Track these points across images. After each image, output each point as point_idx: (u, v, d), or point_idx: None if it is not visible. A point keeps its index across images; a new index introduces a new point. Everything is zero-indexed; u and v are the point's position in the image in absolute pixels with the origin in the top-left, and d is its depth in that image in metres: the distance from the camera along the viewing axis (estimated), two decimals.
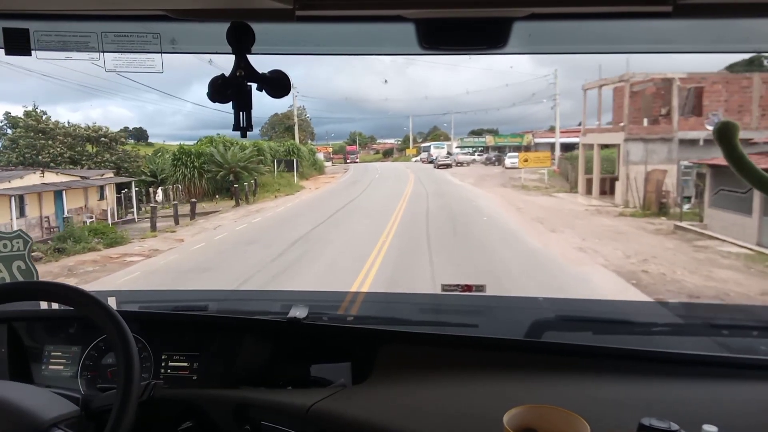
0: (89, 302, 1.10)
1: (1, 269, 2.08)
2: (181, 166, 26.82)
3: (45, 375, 1.55)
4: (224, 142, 29.27)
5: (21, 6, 1.04)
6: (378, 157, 76.44)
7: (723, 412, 1.09)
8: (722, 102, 19.88)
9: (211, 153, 27.20)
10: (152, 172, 29.15)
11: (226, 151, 27.48)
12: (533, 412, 0.91)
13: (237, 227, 16.30)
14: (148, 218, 19.27)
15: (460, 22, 1.02)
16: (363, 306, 2.01)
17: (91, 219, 18.54)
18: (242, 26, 1.00)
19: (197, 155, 27.09)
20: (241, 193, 24.50)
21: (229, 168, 26.77)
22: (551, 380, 1.25)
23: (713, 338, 1.58)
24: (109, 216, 19.08)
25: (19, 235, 2.13)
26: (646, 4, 0.93)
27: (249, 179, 27.31)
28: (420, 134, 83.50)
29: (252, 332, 1.53)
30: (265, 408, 1.31)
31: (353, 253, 11.40)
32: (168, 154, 29.08)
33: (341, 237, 13.66)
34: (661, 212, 16.71)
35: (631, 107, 21.69)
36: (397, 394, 1.25)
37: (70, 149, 29.15)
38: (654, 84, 20.31)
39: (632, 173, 19.27)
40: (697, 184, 17.31)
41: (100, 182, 21.00)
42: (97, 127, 29.80)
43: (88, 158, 28.76)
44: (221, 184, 26.53)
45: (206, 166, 26.87)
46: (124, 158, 29.97)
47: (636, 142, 19.39)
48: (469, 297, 1.81)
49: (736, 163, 0.92)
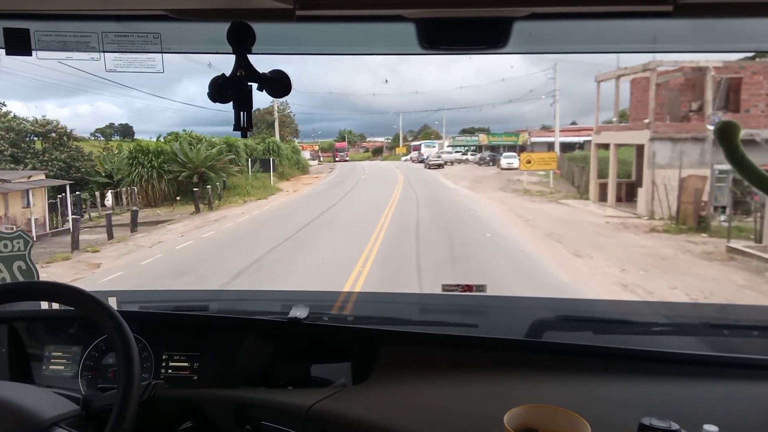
0: (90, 302, 1.10)
1: (2, 269, 2.04)
2: (137, 166, 23.48)
3: (45, 375, 1.54)
4: (191, 138, 26.02)
5: (21, 6, 1.04)
6: (367, 156, 74.69)
7: (723, 412, 1.08)
8: (763, 96, 16.95)
9: (173, 151, 23.93)
10: (108, 172, 25.84)
11: (191, 149, 24.23)
12: (534, 411, 0.91)
13: (179, 245, 13.14)
14: (95, 227, 16.16)
15: (460, 22, 1.02)
16: (363, 306, 2.03)
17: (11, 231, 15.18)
18: (242, 26, 0.99)
19: (156, 153, 23.77)
20: (208, 197, 21.29)
21: (194, 168, 23.53)
22: (552, 380, 1.24)
23: (713, 338, 1.58)
24: (33, 227, 15.70)
25: (20, 236, 2.14)
26: (646, 4, 0.93)
27: (217, 181, 24.11)
28: (410, 132, 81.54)
29: (252, 332, 1.52)
30: (265, 408, 1.30)
31: (319, 288, 8.29)
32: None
33: (306, 264, 10.17)
34: (700, 227, 13.78)
35: (641, 102, 18.82)
36: (397, 394, 1.24)
37: (14, 146, 25.70)
38: (683, 74, 17.40)
39: (658, 178, 16.35)
40: (733, 191, 14.34)
41: (23, 186, 17.24)
42: (45, 120, 26.48)
43: (33, 156, 25.41)
44: (186, 186, 23.30)
45: (167, 165, 23.60)
46: (76, 156, 26.62)
47: (663, 142, 16.45)
48: (469, 297, 1.81)
49: (738, 163, 0.90)
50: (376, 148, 78.51)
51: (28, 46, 1.05)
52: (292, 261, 10.43)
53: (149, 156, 23.61)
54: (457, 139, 62.01)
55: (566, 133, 43.27)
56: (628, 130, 18.30)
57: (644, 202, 16.70)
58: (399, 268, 9.74)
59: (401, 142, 73.24)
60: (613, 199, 18.97)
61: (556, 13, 0.99)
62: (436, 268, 9.33)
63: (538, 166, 23.64)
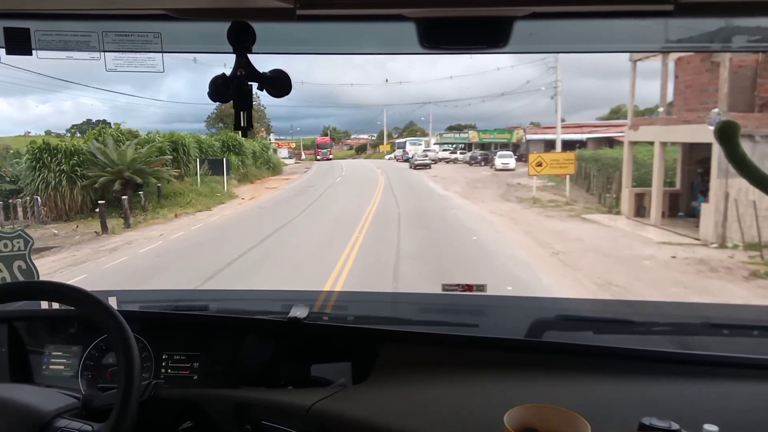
0: (90, 302, 1.11)
1: (2, 269, 2.04)
2: (41, 170, 18.32)
3: (46, 375, 1.55)
4: (120, 134, 20.89)
5: (22, 5, 1.05)
6: (350, 153, 71.21)
7: (724, 411, 1.08)
8: None
9: (90, 151, 18.80)
10: (13, 177, 20.56)
11: (116, 148, 19.13)
12: (534, 411, 0.91)
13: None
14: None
15: (461, 22, 1.02)
16: (363, 306, 2.01)
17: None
18: (243, 26, 0.99)
19: (67, 153, 18.59)
20: (124, 211, 16.21)
21: (116, 172, 18.43)
22: (552, 380, 1.24)
23: (713, 338, 1.56)
24: None
25: (20, 235, 2.10)
26: (647, 3, 0.93)
27: (149, 187, 19.07)
28: (396, 130, 76.63)
29: (253, 332, 1.52)
30: (265, 408, 1.29)
31: None
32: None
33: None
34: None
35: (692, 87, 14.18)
36: (397, 394, 1.24)
37: None
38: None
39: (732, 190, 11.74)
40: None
41: None
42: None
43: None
44: (112, 194, 18.20)
45: (81, 169, 18.47)
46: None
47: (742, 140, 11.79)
48: (469, 297, 1.80)
49: (738, 163, 0.91)
50: (360, 145, 74.58)
51: (29, 46, 1.05)
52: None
53: (58, 157, 18.43)
54: (444, 136, 56.63)
55: (566, 129, 38.85)
56: (683, 124, 13.57)
57: (711, 224, 12.04)
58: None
59: (385, 139, 68.32)
60: (657, 215, 14.32)
61: (556, 13, 0.99)
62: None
63: (551, 171, 18.46)
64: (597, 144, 35.90)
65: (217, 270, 9.24)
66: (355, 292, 4.49)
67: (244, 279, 8.71)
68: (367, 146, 73.37)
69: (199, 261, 10.55)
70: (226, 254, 10.46)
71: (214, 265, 9.58)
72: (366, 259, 9.80)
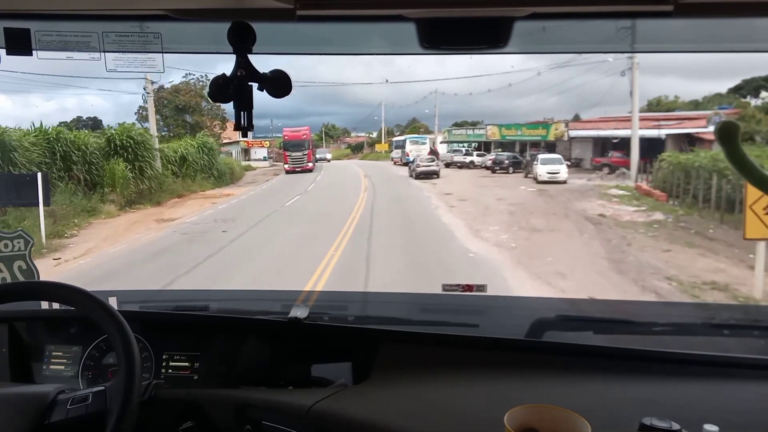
0: (90, 302, 1.11)
1: (2, 269, 2.03)
2: None
3: (46, 375, 1.55)
4: None
5: (22, 6, 1.06)
6: (347, 153, 64.24)
7: (724, 411, 1.09)
8: None
9: None
10: None
11: None
12: (534, 411, 0.91)
13: None
14: None
15: (461, 22, 1.03)
16: (363, 306, 2.07)
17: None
18: (243, 26, 1.00)
19: None
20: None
21: None
22: (552, 380, 1.25)
23: (713, 338, 1.57)
24: None
25: (20, 235, 2.10)
26: (647, 4, 0.94)
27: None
28: (398, 127, 63.80)
29: (253, 332, 1.53)
30: (265, 408, 1.31)
31: None
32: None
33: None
34: None
35: None
36: (398, 394, 1.25)
37: None
38: None
39: None
40: None
41: None
42: None
43: None
44: None
45: None
46: None
47: None
48: (469, 297, 1.81)
49: (738, 163, 0.90)
50: (356, 144, 67.66)
51: (29, 46, 1.06)
52: None
53: None
54: (454, 133, 42.97)
55: (613, 123, 27.93)
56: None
57: None
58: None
59: (383, 137, 56.08)
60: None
61: (556, 13, 1.01)
62: None
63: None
64: (676, 143, 25.22)
65: None
66: (355, 293, 4.71)
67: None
68: (364, 145, 65.49)
69: None
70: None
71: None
72: None
